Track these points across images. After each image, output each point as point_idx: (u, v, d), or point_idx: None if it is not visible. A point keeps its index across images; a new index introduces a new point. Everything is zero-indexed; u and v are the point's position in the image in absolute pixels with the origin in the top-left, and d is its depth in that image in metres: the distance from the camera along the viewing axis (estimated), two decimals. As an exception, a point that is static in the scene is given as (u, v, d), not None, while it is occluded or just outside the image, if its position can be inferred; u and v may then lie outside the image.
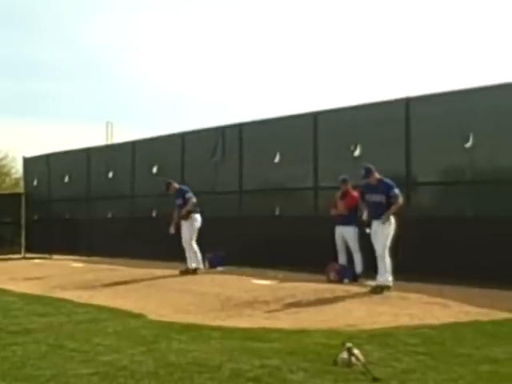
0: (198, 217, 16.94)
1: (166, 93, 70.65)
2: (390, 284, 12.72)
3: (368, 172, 13.06)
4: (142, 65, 70.02)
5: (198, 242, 16.87)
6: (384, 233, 12.71)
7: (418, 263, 14.07)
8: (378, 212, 12.78)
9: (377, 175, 13.08)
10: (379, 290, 12.51)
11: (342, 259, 15.02)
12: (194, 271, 16.70)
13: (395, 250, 13.19)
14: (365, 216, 13.21)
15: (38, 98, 67.67)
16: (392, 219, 12.77)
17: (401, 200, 12.86)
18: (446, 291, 12.29)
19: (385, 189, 12.89)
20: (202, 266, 16.98)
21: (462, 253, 13.52)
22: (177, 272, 16.63)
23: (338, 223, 14.96)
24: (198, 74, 69.31)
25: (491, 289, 12.27)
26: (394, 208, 12.76)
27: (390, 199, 12.81)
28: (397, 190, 12.84)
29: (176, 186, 17.31)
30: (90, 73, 70.44)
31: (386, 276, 12.74)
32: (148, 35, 67.03)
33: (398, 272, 13.33)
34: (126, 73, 69.51)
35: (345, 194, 14.92)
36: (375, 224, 12.86)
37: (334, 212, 15.05)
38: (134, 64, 69.48)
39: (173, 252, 17.57)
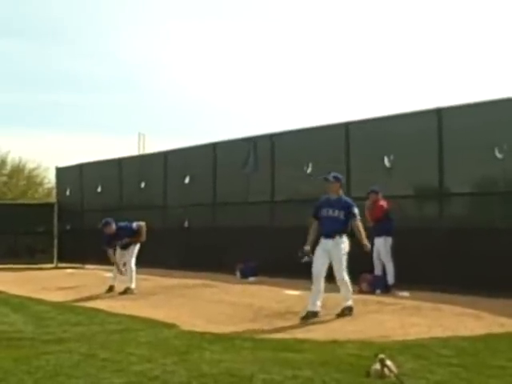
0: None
1: (198, 104, 70.80)
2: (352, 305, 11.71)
3: (338, 180, 11.94)
4: (174, 76, 70.23)
5: (229, 253, 16.91)
6: (341, 254, 11.52)
7: (450, 274, 13.97)
8: (334, 228, 11.57)
9: (341, 191, 12.01)
10: (348, 311, 11.54)
11: (378, 270, 14.98)
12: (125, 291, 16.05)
13: (428, 261, 13.06)
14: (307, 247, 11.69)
15: (71, 109, 68.07)
16: (345, 238, 11.59)
17: (358, 220, 11.75)
18: (479, 303, 12.17)
19: (345, 205, 11.71)
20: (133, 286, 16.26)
21: (495, 264, 13.40)
22: (208, 282, 16.70)
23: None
24: (230, 84, 69.46)
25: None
26: (362, 230, 11.67)
27: (349, 217, 11.59)
28: (357, 210, 11.77)
29: (113, 227, 16.62)
30: (122, 85, 70.76)
31: (350, 297, 11.71)
32: (179, 46, 67.24)
33: (431, 283, 13.24)
34: (158, 84, 69.75)
35: (373, 205, 14.94)
36: (329, 243, 11.57)
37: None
38: (165, 75, 69.69)
39: (204, 262, 17.58)
